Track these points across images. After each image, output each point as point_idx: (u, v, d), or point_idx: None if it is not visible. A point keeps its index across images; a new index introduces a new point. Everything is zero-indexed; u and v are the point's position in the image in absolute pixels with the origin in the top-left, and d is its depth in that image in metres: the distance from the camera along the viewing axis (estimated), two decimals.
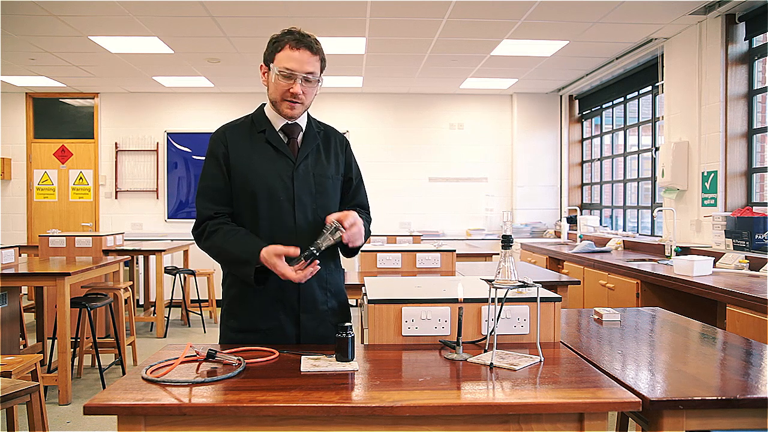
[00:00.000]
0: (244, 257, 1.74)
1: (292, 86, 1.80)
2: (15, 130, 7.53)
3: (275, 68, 1.80)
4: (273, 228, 1.82)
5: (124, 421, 1.31)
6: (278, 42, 1.81)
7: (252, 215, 1.84)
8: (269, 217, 1.83)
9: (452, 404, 1.31)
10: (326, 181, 1.91)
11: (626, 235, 5.83)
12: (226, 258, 1.81)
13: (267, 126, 1.89)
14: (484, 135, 7.68)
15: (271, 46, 1.83)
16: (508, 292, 1.69)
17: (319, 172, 1.90)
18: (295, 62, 1.78)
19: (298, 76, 1.79)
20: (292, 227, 1.83)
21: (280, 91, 1.82)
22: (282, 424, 1.32)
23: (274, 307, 1.84)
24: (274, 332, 1.83)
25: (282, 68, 1.79)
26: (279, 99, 1.83)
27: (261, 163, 1.85)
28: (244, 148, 1.86)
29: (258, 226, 1.83)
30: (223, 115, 7.36)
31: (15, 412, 2.70)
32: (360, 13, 4.53)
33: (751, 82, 4.34)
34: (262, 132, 1.88)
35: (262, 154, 1.86)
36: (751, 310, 2.76)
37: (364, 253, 3.82)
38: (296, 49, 1.78)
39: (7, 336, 4.05)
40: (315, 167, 1.90)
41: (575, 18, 4.62)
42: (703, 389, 1.41)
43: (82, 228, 7.53)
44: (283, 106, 1.84)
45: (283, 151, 1.86)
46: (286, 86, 1.80)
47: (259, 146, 1.87)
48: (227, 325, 1.90)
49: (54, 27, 4.83)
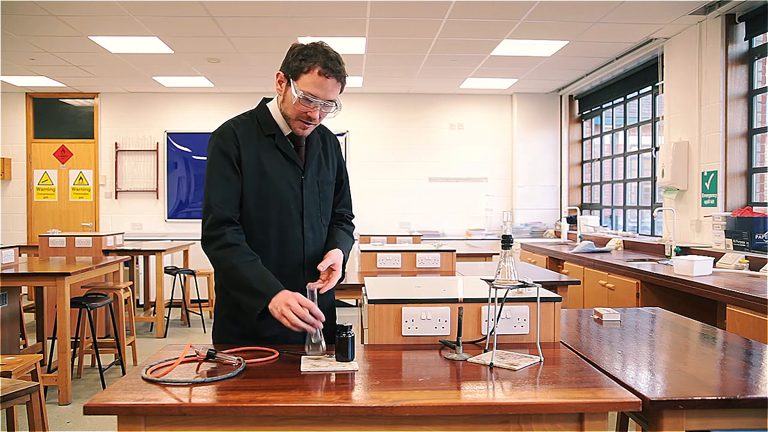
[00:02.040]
0: (263, 290, 1.66)
1: (311, 111, 1.74)
2: (15, 130, 7.53)
3: (299, 90, 1.71)
4: (282, 236, 1.81)
5: (124, 421, 1.31)
6: (306, 60, 1.71)
7: (263, 222, 1.80)
8: (279, 225, 1.81)
9: (452, 404, 1.31)
10: (328, 188, 1.91)
11: (626, 235, 5.83)
12: (239, 283, 1.70)
13: (276, 131, 1.83)
14: (484, 135, 7.68)
15: (297, 61, 1.72)
16: (508, 292, 1.69)
17: (323, 179, 1.89)
18: (320, 90, 1.71)
19: (319, 102, 1.74)
20: (300, 237, 1.83)
21: (296, 112, 1.75)
22: (282, 424, 1.32)
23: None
24: (278, 340, 1.79)
25: (306, 92, 1.71)
26: (293, 117, 1.77)
27: (273, 169, 1.80)
28: (255, 150, 1.80)
29: (268, 233, 1.80)
30: (224, 114, 7.30)
31: (15, 412, 2.70)
32: (360, 13, 4.53)
33: (751, 82, 4.34)
34: (271, 136, 1.82)
35: (273, 159, 1.81)
36: (751, 310, 2.76)
37: (364, 253, 3.82)
38: (325, 77, 1.71)
39: (7, 336, 4.05)
40: (319, 174, 1.88)
41: (575, 18, 4.62)
42: (703, 389, 1.41)
43: (82, 228, 7.53)
44: (295, 125, 1.79)
45: (292, 158, 1.83)
46: (305, 109, 1.74)
47: (270, 151, 1.81)
48: (230, 331, 1.84)
49: (54, 27, 4.83)
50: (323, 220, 1.89)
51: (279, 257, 1.83)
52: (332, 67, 1.72)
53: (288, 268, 1.83)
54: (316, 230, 1.86)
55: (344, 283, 3.20)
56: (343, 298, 2.12)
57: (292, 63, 1.74)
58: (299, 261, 1.84)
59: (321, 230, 1.89)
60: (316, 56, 1.71)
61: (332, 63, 1.72)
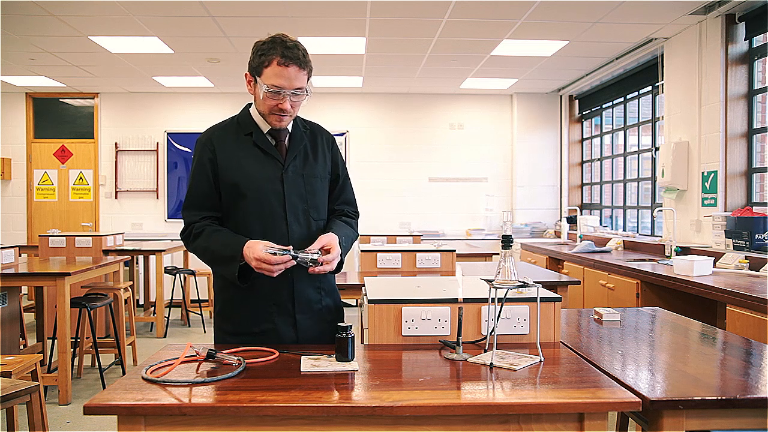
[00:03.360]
0: (229, 253, 1.74)
1: (281, 102, 1.77)
2: (15, 130, 7.53)
3: (263, 85, 1.75)
4: (265, 230, 1.82)
5: (124, 421, 1.31)
6: (265, 55, 1.74)
7: (243, 219, 1.83)
8: (261, 221, 1.83)
9: (452, 404, 1.31)
10: (315, 181, 1.90)
11: (626, 235, 5.83)
12: (211, 257, 1.81)
13: (254, 128, 1.86)
14: (484, 135, 7.68)
15: (257, 57, 1.76)
16: (508, 292, 1.69)
17: (308, 173, 1.89)
18: (284, 80, 1.73)
19: (287, 93, 1.76)
20: (284, 230, 1.83)
21: (268, 107, 1.79)
22: (282, 424, 1.32)
23: (269, 309, 1.83)
24: (269, 334, 1.82)
25: (270, 85, 1.74)
26: (267, 112, 1.81)
27: (250, 166, 1.83)
28: (231, 151, 1.85)
29: (249, 230, 1.82)
30: (224, 115, 7.23)
31: (15, 412, 2.70)
32: (360, 13, 4.53)
33: (751, 82, 4.34)
34: (249, 135, 1.86)
35: (250, 157, 1.84)
36: (751, 310, 2.76)
37: (364, 253, 3.82)
38: (285, 66, 1.72)
39: (7, 336, 4.05)
40: (304, 168, 1.89)
41: (575, 18, 4.62)
42: (703, 389, 1.41)
43: (82, 228, 7.53)
44: (271, 119, 1.82)
45: (271, 153, 1.85)
46: (275, 102, 1.77)
47: (247, 149, 1.85)
48: (222, 329, 1.89)
49: (54, 27, 4.83)
50: (312, 213, 1.88)
51: None
52: (290, 55, 1.73)
53: None
54: (302, 223, 1.86)
55: (344, 283, 3.21)
56: (343, 298, 2.12)
57: (254, 61, 1.78)
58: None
59: (310, 223, 1.88)
60: (273, 48, 1.74)
61: (289, 51, 1.73)
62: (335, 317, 1.93)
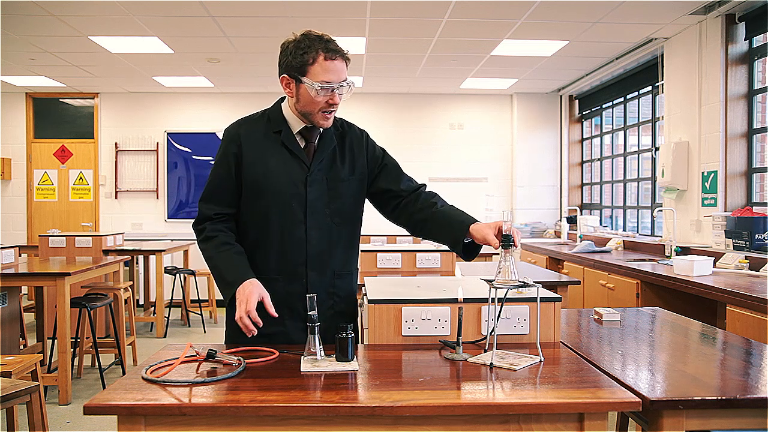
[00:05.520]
0: (230, 279, 1.74)
1: (332, 97, 1.75)
2: (15, 130, 7.53)
3: (314, 84, 1.71)
4: (282, 233, 1.81)
5: (124, 421, 1.31)
6: (307, 53, 1.71)
7: (262, 219, 1.81)
8: (280, 223, 1.80)
9: (452, 404, 1.31)
10: (339, 185, 1.86)
11: (626, 235, 5.83)
12: (213, 269, 1.81)
13: (283, 126, 1.83)
14: (484, 135, 7.68)
15: (298, 57, 1.72)
16: (508, 292, 1.69)
17: (333, 176, 1.85)
18: (332, 74, 1.72)
19: (335, 86, 1.74)
20: (302, 235, 1.81)
21: (318, 104, 1.75)
22: (282, 424, 1.31)
23: (281, 312, 1.79)
24: (278, 337, 1.80)
25: (322, 82, 1.71)
26: (316, 111, 1.77)
27: (274, 165, 1.80)
28: (257, 147, 1.82)
29: (268, 231, 1.80)
30: (223, 114, 7.36)
31: (15, 412, 2.70)
32: (360, 13, 4.53)
33: (751, 82, 4.34)
34: (278, 133, 1.83)
35: (276, 156, 1.81)
36: (751, 310, 2.76)
37: (364, 253, 3.82)
38: (332, 60, 1.72)
39: (7, 336, 4.05)
40: (329, 171, 1.85)
41: (575, 18, 4.62)
42: (703, 389, 1.41)
43: (82, 228, 7.53)
44: (319, 118, 1.78)
45: (298, 155, 1.82)
46: (327, 98, 1.74)
47: (274, 147, 1.82)
48: (231, 326, 1.84)
49: (54, 27, 4.83)
50: (335, 219, 1.85)
51: (279, 255, 1.82)
52: (334, 48, 1.74)
53: (290, 265, 1.83)
54: (323, 228, 1.83)
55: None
56: None
57: (293, 61, 1.74)
58: (301, 260, 1.83)
59: (331, 229, 1.84)
60: (313, 45, 1.72)
61: (332, 45, 1.74)
62: (347, 323, 1.91)
